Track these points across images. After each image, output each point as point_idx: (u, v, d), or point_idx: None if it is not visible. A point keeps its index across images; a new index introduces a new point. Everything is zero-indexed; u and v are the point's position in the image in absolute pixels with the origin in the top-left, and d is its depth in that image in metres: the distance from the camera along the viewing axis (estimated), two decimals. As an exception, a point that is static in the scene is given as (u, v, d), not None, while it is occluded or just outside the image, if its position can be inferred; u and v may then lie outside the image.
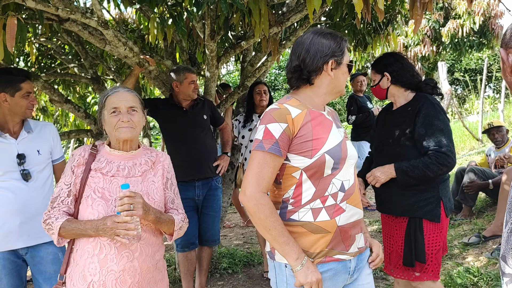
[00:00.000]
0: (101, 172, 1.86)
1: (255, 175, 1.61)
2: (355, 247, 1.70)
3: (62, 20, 3.00)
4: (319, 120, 1.68)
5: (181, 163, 3.48)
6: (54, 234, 1.81)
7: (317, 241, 1.62)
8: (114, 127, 1.86)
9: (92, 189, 1.84)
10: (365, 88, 6.14)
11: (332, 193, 1.63)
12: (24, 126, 2.53)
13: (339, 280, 1.68)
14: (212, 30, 3.51)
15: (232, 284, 4.01)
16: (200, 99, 3.66)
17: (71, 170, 1.88)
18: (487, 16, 9.46)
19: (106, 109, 1.89)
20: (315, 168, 1.60)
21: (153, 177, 1.97)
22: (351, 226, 1.67)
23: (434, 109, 2.36)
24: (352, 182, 1.70)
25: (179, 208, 2.05)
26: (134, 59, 3.32)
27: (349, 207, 1.66)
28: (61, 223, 1.80)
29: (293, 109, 1.65)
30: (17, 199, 2.39)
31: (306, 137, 1.62)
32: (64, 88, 6.07)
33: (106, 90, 1.99)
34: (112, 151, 1.91)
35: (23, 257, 2.47)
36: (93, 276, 1.78)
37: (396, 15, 4.70)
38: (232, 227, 6.25)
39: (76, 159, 1.89)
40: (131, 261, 1.81)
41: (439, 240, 2.40)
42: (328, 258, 1.63)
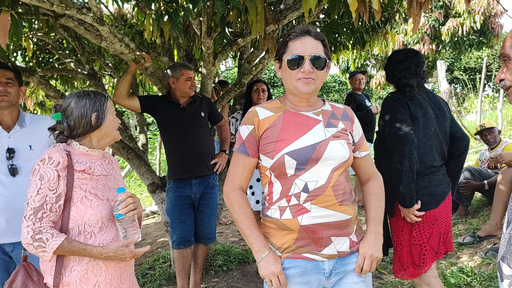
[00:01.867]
0: (88, 173, 1.84)
1: (229, 173, 1.81)
2: (331, 250, 1.69)
3: (58, 15, 2.99)
4: (293, 121, 1.73)
5: (179, 161, 3.49)
6: (47, 252, 1.64)
7: (284, 237, 1.70)
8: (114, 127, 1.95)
9: (83, 191, 1.78)
10: (363, 86, 6.13)
11: (295, 193, 1.67)
12: (18, 120, 2.50)
13: (311, 279, 1.70)
14: (209, 27, 3.49)
15: (227, 282, 4.01)
16: (198, 96, 3.65)
17: (56, 173, 1.72)
18: (487, 15, 9.43)
19: (109, 111, 1.91)
20: (277, 168, 1.68)
21: (118, 175, 2.04)
22: (321, 228, 1.65)
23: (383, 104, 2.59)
24: (322, 184, 1.65)
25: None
26: (130, 55, 3.31)
27: (315, 208, 1.64)
28: (59, 243, 1.65)
29: (263, 111, 1.76)
30: (3, 195, 2.36)
31: (271, 139, 1.71)
32: (62, 83, 6.05)
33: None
34: (91, 151, 1.90)
35: (9, 253, 2.45)
36: (99, 276, 1.77)
37: (395, 13, 4.69)
38: (229, 224, 6.25)
39: (60, 162, 1.74)
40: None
41: (400, 238, 2.52)
42: (295, 255, 1.70)
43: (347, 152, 1.71)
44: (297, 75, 1.68)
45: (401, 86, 2.56)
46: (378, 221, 1.80)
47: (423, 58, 2.67)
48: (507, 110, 11.18)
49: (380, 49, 5.91)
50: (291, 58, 1.68)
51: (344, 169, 1.73)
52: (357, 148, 1.84)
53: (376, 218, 1.80)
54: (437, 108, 2.58)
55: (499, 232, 4.16)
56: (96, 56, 4.82)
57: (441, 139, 2.54)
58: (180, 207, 3.49)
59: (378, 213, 1.81)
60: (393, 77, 2.63)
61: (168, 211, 3.53)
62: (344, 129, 1.76)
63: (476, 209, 5.05)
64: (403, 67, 2.58)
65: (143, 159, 4.22)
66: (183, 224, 3.48)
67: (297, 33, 1.72)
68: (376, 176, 1.90)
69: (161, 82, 3.95)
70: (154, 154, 12.85)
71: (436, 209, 2.46)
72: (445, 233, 2.53)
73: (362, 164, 1.87)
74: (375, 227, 1.79)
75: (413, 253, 2.48)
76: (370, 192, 1.87)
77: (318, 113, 1.76)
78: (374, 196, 1.85)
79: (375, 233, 1.77)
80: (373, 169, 1.91)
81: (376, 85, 11.87)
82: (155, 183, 4.17)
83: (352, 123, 1.82)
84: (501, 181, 4.20)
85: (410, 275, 2.49)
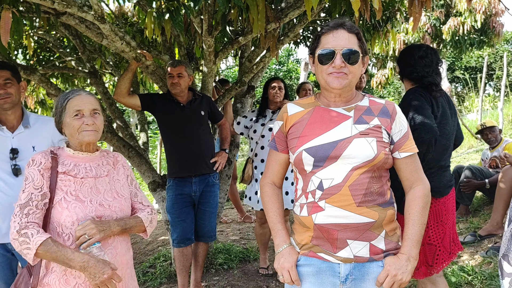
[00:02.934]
0: (70, 174, 1.84)
1: (265, 168, 1.88)
2: (347, 253, 1.61)
3: (59, 13, 2.98)
4: (320, 117, 1.69)
5: (178, 159, 3.49)
6: (30, 249, 1.65)
7: (303, 234, 1.70)
8: (77, 130, 1.86)
9: (64, 192, 1.81)
10: (364, 85, 6.11)
11: (311, 190, 1.65)
12: (22, 121, 2.50)
13: (325, 281, 1.65)
14: (210, 26, 3.49)
15: (228, 280, 4.01)
16: (198, 94, 3.65)
17: (39, 173, 1.78)
18: (488, 14, 9.41)
19: (67, 112, 1.87)
20: (297, 164, 1.69)
21: (117, 176, 2.01)
22: (336, 228, 1.59)
23: (407, 96, 2.46)
24: (338, 182, 1.59)
25: (144, 201, 2.08)
26: (131, 53, 3.30)
27: (329, 207, 1.60)
28: (43, 239, 1.66)
29: (294, 107, 1.77)
30: (7, 194, 2.37)
31: (295, 134, 1.70)
32: (63, 81, 6.05)
33: (63, 92, 1.95)
34: (77, 154, 1.90)
35: (12, 251, 2.46)
36: (78, 278, 1.76)
37: (396, 12, 4.68)
38: (229, 222, 6.25)
39: (42, 163, 1.80)
40: (114, 257, 1.84)
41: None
42: (311, 253, 1.67)
43: (374, 151, 1.60)
44: (328, 69, 1.62)
45: (425, 84, 2.46)
46: (414, 242, 1.64)
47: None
48: (508, 109, 11.17)
49: (381, 48, 5.90)
50: (321, 52, 1.63)
51: (370, 169, 1.61)
52: (397, 148, 1.69)
53: (412, 238, 1.65)
54: (451, 108, 2.56)
55: (500, 231, 4.15)
56: (97, 54, 4.82)
57: (452, 139, 2.53)
58: (180, 205, 3.49)
59: (415, 231, 1.65)
60: (414, 73, 2.52)
61: (168, 209, 3.53)
62: (378, 126, 1.65)
63: (477, 208, 5.04)
64: (426, 64, 2.49)
65: (144, 158, 4.22)
66: (183, 222, 3.48)
67: (330, 27, 1.65)
68: (421, 183, 1.72)
69: (162, 80, 3.94)
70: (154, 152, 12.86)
71: (444, 205, 2.43)
72: (453, 233, 2.52)
73: (402, 166, 1.72)
74: (409, 248, 1.64)
75: (426, 253, 2.42)
76: (410, 204, 1.70)
77: (350, 108, 1.69)
78: (414, 210, 1.68)
79: (408, 255, 1.62)
80: (418, 174, 1.73)
81: (377, 84, 11.85)
82: (156, 181, 4.17)
83: (392, 121, 1.69)
84: (502, 180, 4.20)
85: (422, 274, 2.44)
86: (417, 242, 1.65)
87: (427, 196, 1.71)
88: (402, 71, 2.61)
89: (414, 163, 1.72)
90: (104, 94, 4.30)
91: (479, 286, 3.32)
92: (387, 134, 1.67)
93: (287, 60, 21.19)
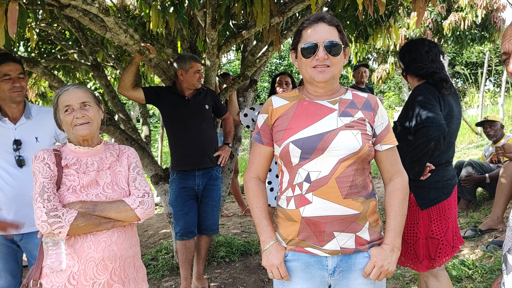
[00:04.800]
0: (72, 168, 1.86)
1: (248, 162, 1.87)
2: (334, 245, 1.64)
3: (63, 6, 2.98)
4: (306, 110, 1.71)
5: (182, 152, 3.50)
6: (64, 227, 1.71)
7: (289, 228, 1.70)
8: (71, 125, 1.86)
9: (67, 187, 1.83)
10: (366, 79, 6.14)
11: (298, 182, 1.66)
12: (24, 112, 2.52)
13: (314, 274, 1.67)
14: (213, 19, 3.49)
15: (229, 273, 4.04)
16: (203, 88, 3.66)
17: (45, 166, 1.82)
18: (489, 9, 9.40)
19: (59, 108, 1.89)
20: (283, 156, 1.69)
21: (120, 167, 1.99)
22: (323, 221, 1.61)
23: (416, 93, 2.41)
24: (325, 174, 1.61)
25: (140, 186, 1.97)
26: (134, 46, 3.30)
27: (316, 199, 1.61)
28: (75, 215, 1.74)
29: (278, 100, 1.78)
30: (12, 185, 2.39)
31: (281, 127, 1.71)
32: (64, 74, 6.05)
33: (58, 90, 1.97)
34: (78, 148, 1.91)
35: (18, 243, 2.48)
36: (72, 267, 1.77)
37: (398, 7, 4.68)
38: (230, 216, 6.28)
39: (46, 158, 1.84)
40: (109, 245, 1.83)
41: (415, 230, 2.45)
42: (299, 248, 1.68)
43: (359, 143, 1.62)
44: (312, 63, 1.65)
45: (436, 80, 2.42)
46: (397, 232, 1.69)
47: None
48: (508, 105, 11.17)
49: (383, 43, 5.90)
50: (304, 46, 1.66)
51: (355, 161, 1.64)
52: (379, 141, 1.73)
53: (395, 229, 1.69)
54: (458, 105, 2.54)
55: (500, 226, 4.18)
56: (99, 47, 4.82)
57: (456, 136, 2.52)
58: (183, 199, 3.50)
59: (397, 222, 1.69)
60: (423, 68, 2.46)
61: (171, 203, 3.55)
62: (362, 119, 1.68)
63: (478, 203, 5.06)
64: (432, 59, 2.46)
65: (146, 151, 4.23)
66: (186, 215, 3.50)
67: (310, 21, 1.68)
68: (400, 175, 1.76)
69: (165, 73, 3.95)
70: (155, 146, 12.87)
71: (447, 200, 2.45)
72: (455, 227, 2.53)
73: (383, 158, 1.75)
74: (393, 239, 1.68)
75: (429, 247, 2.42)
76: (391, 195, 1.74)
77: (335, 101, 1.72)
78: (395, 201, 1.72)
79: (392, 245, 1.67)
80: (398, 166, 1.77)
81: (378, 78, 11.85)
82: (158, 174, 4.18)
83: (375, 114, 1.73)
84: (503, 175, 4.22)
85: (425, 267, 2.45)
86: (399, 233, 1.70)
87: (406, 188, 1.76)
88: (408, 67, 2.55)
89: (394, 155, 1.77)
90: (106, 87, 4.31)
91: (479, 280, 3.34)
92: (370, 126, 1.71)
93: (288, 54, 21.16)
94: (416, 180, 2.39)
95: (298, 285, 1.69)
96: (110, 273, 1.82)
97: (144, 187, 1.96)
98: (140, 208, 1.88)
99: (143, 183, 1.98)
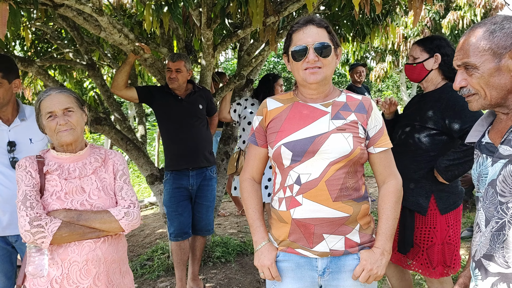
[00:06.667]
0: (54, 174, 1.85)
1: (244, 163, 1.90)
2: (323, 247, 1.65)
3: (57, 5, 2.96)
4: (299, 113, 1.73)
5: (175, 152, 3.49)
6: (46, 238, 1.71)
7: (280, 229, 1.73)
8: (54, 132, 1.84)
9: (50, 193, 1.82)
10: (363, 79, 6.13)
11: (289, 184, 1.68)
12: (19, 114, 2.50)
13: (304, 275, 1.70)
14: (209, 18, 3.47)
15: (225, 273, 4.03)
16: (198, 87, 3.64)
17: (27, 174, 1.82)
18: (487, 8, 9.40)
19: (42, 114, 1.87)
20: (275, 158, 1.72)
21: (105, 174, 1.96)
22: (313, 223, 1.63)
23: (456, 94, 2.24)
24: (315, 177, 1.63)
25: (126, 196, 1.94)
26: (129, 46, 3.28)
27: (306, 201, 1.63)
28: (58, 225, 1.73)
29: (273, 102, 1.80)
30: (7, 187, 2.37)
31: (274, 129, 1.74)
32: (61, 73, 6.02)
33: (40, 94, 1.93)
34: (60, 155, 1.90)
35: (13, 244, 2.47)
36: (56, 271, 1.75)
37: (395, 6, 4.66)
38: (227, 215, 6.27)
39: (28, 165, 1.84)
40: (93, 250, 1.81)
41: (431, 235, 2.37)
42: (289, 249, 1.71)
43: (350, 146, 1.63)
44: (303, 65, 1.66)
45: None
46: (388, 236, 1.68)
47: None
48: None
49: (380, 42, 5.89)
50: (294, 49, 1.67)
51: (346, 164, 1.64)
52: (372, 143, 1.73)
53: (386, 232, 1.69)
54: None
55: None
56: (95, 46, 4.79)
57: None
58: (178, 199, 3.49)
59: (389, 225, 1.69)
60: (451, 65, 2.30)
61: (165, 203, 3.53)
62: (355, 121, 1.69)
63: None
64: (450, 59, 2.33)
65: (142, 151, 4.21)
66: (180, 216, 3.49)
67: (299, 24, 1.70)
68: (394, 178, 1.76)
69: (160, 73, 3.93)
70: (152, 145, 12.84)
71: (461, 205, 2.41)
72: None
73: (376, 161, 1.75)
74: (384, 242, 1.68)
75: (445, 253, 2.35)
76: (383, 198, 1.74)
77: (328, 104, 1.73)
78: (387, 204, 1.72)
79: (382, 249, 1.67)
80: (391, 169, 1.76)
81: (376, 77, 11.84)
82: (154, 174, 4.17)
83: (368, 116, 1.72)
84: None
85: (439, 274, 2.36)
86: (390, 236, 1.70)
87: (399, 191, 1.75)
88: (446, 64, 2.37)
89: (387, 158, 1.76)
90: (102, 87, 4.28)
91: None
92: (363, 129, 1.71)
93: (285, 53, 21.13)
94: (439, 184, 2.33)
95: (289, 285, 1.72)
96: (94, 278, 1.80)
97: (131, 197, 1.94)
98: (125, 220, 1.86)
99: (130, 193, 1.96)
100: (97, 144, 2.10)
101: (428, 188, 2.35)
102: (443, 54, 2.38)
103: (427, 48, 2.41)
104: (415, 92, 13.87)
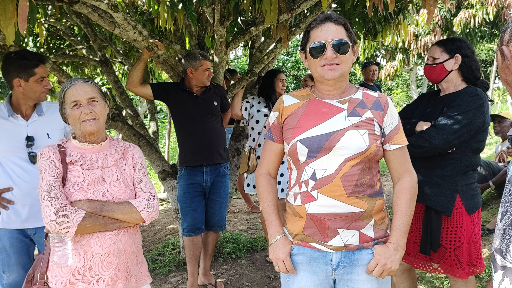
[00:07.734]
0: (77, 165, 1.86)
1: (260, 158, 1.92)
2: (338, 242, 1.67)
3: (72, 1, 2.99)
4: (315, 109, 1.74)
5: (190, 148, 3.51)
6: (71, 227, 1.72)
7: (295, 223, 1.75)
8: (78, 121, 1.86)
9: (72, 183, 1.83)
10: (376, 77, 6.13)
11: (304, 180, 1.70)
12: (36, 109, 2.54)
13: (318, 268, 1.72)
14: (222, 15, 3.49)
15: (236, 269, 4.05)
16: (213, 84, 3.67)
17: (50, 164, 1.82)
18: (500, 7, 9.31)
19: (66, 103, 1.88)
20: (291, 154, 1.73)
21: (125, 166, 1.99)
22: (327, 218, 1.65)
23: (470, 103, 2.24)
24: (330, 173, 1.64)
25: (146, 188, 1.98)
26: (143, 43, 3.31)
27: (321, 197, 1.65)
28: (82, 215, 1.74)
29: (289, 99, 1.81)
30: (26, 181, 2.41)
31: (290, 125, 1.76)
32: (73, 70, 6.08)
33: (64, 83, 1.94)
34: (82, 145, 1.91)
35: (31, 236, 2.51)
36: (78, 262, 1.78)
37: (408, 4, 4.65)
38: (237, 212, 6.29)
39: (51, 155, 1.84)
40: (114, 242, 1.84)
41: (458, 235, 2.31)
42: (304, 243, 1.73)
43: (365, 143, 1.65)
44: (321, 62, 1.68)
45: (479, 85, 2.34)
46: (402, 232, 1.70)
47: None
48: (518, 103, 11.08)
49: (392, 40, 5.87)
50: (312, 46, 1.69)
51: (362, 161, 1.66)
52: (388, 140, 1.74)
53: (400, 228, 1.70)
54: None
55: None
56: (108, 43, 4.83)
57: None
58: (192, 195, 3.51)
59: (403, 221, 1.70)
60: (472, 66, 2.36)
61: (179, 198, 3.56)
62: (371, 118, 1.70)
63: (485, 202, 5.04)
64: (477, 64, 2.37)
65: (154, 147, 4.24)
66: (194, 211, 3.51)
67: (317, 21, 1.71)
68: (409, 174, 1.77)
69: (173, 70, 3.95)
70: (162, 142, 12.90)
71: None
72: None
73: (392, 158, 1.76)
74: (398, 238, 1.69)
75: (472, 251, 2.30)
76: (398, 195, 1.75)
77: (344, 101, 1.74)
78: (402, 201, 1.73)
79: (396, 244, 1.68)
80: (406, 166, 1.77)
81: (386, 75, 11.80)
82: (166, 170, 4.20)
83: (384, 113, 1.73)
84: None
85: (466, 274, 2.31)
86: (405, 232, 1.71)
87: (414, 187, 1.76)
88: (466, 65, 2.37)
89: (403, 155, 1.77)
90: (114, 83, 4.32)
91: (486, 279, 3.33)
92: (379, 126, 1.72)
93: (295, 51, 21.12)
94: (464, 184, 2.31)
95: (303, 279, 1.74)
96: (115, 269, 1.84)
97: (150, 190, 1.97)
98: (146, 211, 1.89)
99: (149, 185, 1.99)
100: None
101: (453, 188, 2.31)
102: (463, 55, 2.35)
103: (448, 49, 2.39)
104: (425, 90, 13.79)
